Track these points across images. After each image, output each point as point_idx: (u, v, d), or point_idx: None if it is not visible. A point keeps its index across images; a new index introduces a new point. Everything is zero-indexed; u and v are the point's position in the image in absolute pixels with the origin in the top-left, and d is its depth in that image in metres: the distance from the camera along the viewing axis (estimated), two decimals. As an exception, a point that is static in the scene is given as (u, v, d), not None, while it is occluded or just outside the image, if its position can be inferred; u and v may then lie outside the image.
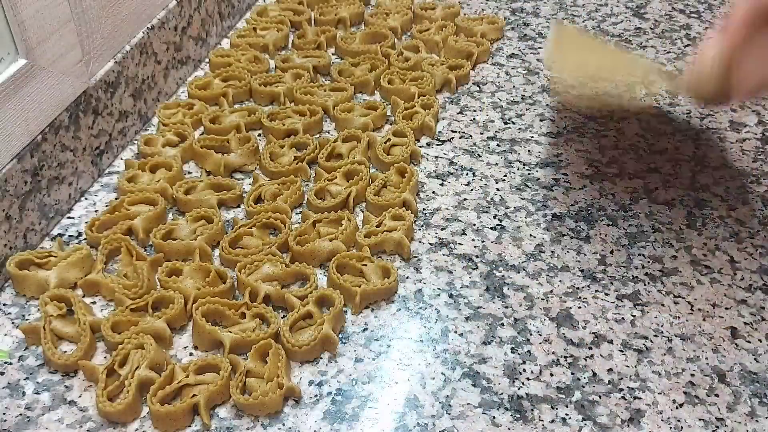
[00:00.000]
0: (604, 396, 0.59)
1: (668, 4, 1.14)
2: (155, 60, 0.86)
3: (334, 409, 0.58)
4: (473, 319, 0.65)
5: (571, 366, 0.62)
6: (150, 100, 0.86)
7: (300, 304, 0.63)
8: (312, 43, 0.98)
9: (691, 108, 0.91)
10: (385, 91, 0.91)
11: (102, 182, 0.79)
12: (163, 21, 0.86)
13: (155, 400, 0.56)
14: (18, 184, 0.66)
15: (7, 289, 0.67)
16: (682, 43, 1.04)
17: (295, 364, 0.61)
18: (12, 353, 0.61)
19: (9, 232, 0.66)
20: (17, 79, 0.64)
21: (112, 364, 0.58)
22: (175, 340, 0.63)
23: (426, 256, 0.71)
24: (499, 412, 0.58)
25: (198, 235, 0.70)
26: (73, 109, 0.72)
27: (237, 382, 0.57)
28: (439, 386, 0.60)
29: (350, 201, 0.74)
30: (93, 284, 0.66)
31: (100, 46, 0.76)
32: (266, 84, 0.90)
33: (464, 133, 0.87)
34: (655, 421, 0.58)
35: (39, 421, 0.57)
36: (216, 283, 0.66)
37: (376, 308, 0.66)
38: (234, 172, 0.80)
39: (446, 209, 0.76)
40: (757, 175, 0.81)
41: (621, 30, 1.07)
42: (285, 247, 0.70)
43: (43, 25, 0.66)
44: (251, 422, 0.57)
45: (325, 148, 0.80)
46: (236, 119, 0.84)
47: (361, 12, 1.05)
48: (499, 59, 1.00)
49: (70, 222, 0.74)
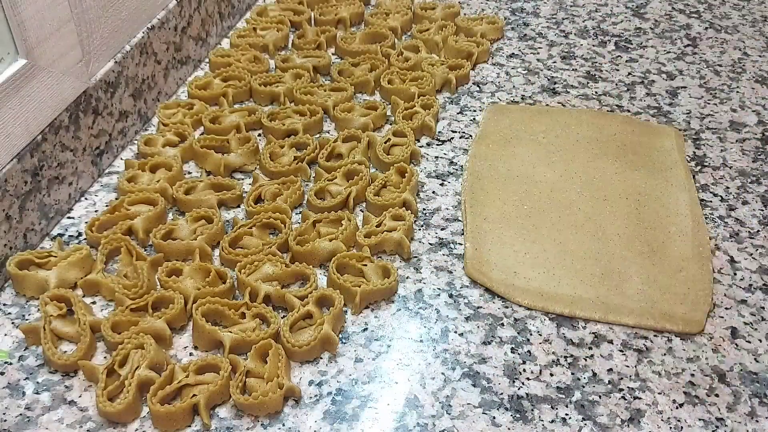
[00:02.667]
0: (604, 396, 0.59)
1: (668, 4, 1.14)
2: (155, 60, 0.86)
3: (334, 409, 0.58)
4: (473, 319, 0.65)
5: (571, 366, 0.62)
6: (150, 100, 0.86)
7: (300, 304, 0.63)
8: (312, 43, 0.98)
9: (690, 108, 0.91)
10: (385, 91, 0.91)
11: (102, 182, 0.79)
12: (163, 21, 0.86)
13: (155, 400, 0.55)
14: (18, 184, 0.66)
15: (7, 289, 0.67)
16: (682, 43, 1.04)
17: (295, 364, 0.61)
18: (12, 353, 0.61)
19: (9, 232, 0.66)
20: (17, 79, 0.64)
21: (112, 364, 0.58)
22: (175, 340, 0.63)
23: (426, 256, 0.71)
24: (499, 412, 0.58)
25: (198, 235, 0.70)
26: (73, 109, 0.72)
27: (237, 382, 0.57)
28: (439, 386, 0.60)
29: (350, 201, 0.74)
30: (93, 284, 0.66)
31: (100, 46, 0.76)
32: (266, 84, 0.90)
33: (464, 133, 0.87)
34: (655, 421, 0.58)
35: (39, 421, 0.57)
36: (216, 283, 0.66)
37: (376, 308, 0.66)
38: (234, 172, 0.80)
39: (446, 209, 0.76)
40: (757, 175, 0.81)
41: (621, 30, 1.07)
42: (285, 247, 0.70)
43: (43, 25, 0.66)
44: (251, 422, 0.57)
45: (325, 148, 0.80)
46: (236, 119, 0.84)
47: (361, 12, 1.05)
48: (499, 59, 1.00)
49: (70, 222, 0.74)
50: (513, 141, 0.84)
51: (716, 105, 0.92)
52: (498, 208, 0.75)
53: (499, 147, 0.83)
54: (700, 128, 0.88)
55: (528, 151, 0.83)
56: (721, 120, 0.89)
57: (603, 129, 0.86)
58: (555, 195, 0.77)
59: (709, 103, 0.92)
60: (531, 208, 0.75)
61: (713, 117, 0.90)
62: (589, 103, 0.91)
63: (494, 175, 0.79)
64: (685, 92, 0.94)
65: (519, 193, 0.77)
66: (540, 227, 0.73)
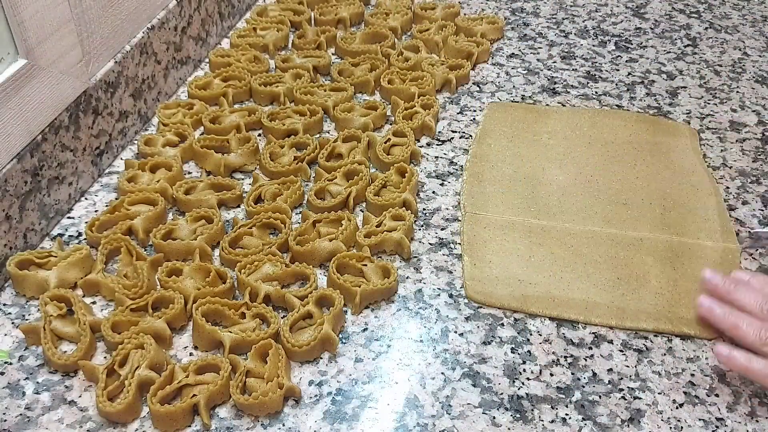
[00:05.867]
0: (604, 396, 0.59)
1: (668, 4, 1.14)
2: (155, 60, 0.86)
3: (334, 409, 0.58)
4: (473, 319, 0.65)
5: (571, 366, 0.62)
6: (150, 100, 0.86)
7: (300, 304, 0.63)
8: (312, 43, 0.98)
9: (690, 108, 0.91)
10: (385, 91, 0.91)
11: (102, 182, 0.79)
12: (163, 21, 0.86)
13: (155, 400, 0.55)
14: (18, 184, 0.66)
15: (7, 289, 0.67)
16: (682, 43, 1.04)
17: (295, 364, 0.61)
18: (12, 353, 0.61)
19: (9, 232, 0.66)
20: (17, 79, 0.64)
21: (112, 364, 0.58)
22: (175, 340, 0.63)
23: (426, 256, 0.71)
24: (499, 412, 0.58)
25: (198, 235, 0.70)
26: (73, 109, 0.72)
27: (237, 382, 0.57)
28: (439, 386, 0.60)
29: (350, 201, 0.74)
30: (93, 284, 0.66)
31: (100, 46, 0.76)
32: (266, 84, 0.90)
33: (464, 133, 0.87)
34: (655, 421, 0.58)
35: (39, 421, 0.57)
36: (216, 283, 0.66)
37: (376, 308, 0.66)
38: (234, 172, 0.80)
39: (446, 209, 0.76)
40: (757, 175, 0.81)
41: (621, 30, 1.07)
42: (285, 247, 0.70)
43: (43, 25, 0.66)
44: (251, 422, 0.57)
45: (325, 148, 0.80)
46: (236, 119, 0.84)
47: (361, 12, 1.05)
48: (499, 59, 1.00)
49: (70, 222, 0.74)
50: (516, 141, 0.84)
51: (716, 105, 0.92)
52: (500, 212, 0.74)
53: (501, 147, 0.83)
54: (700, 128, 0.88)
55: (534, 152, 0.82)
56: (721, 120, 0.89)
57: (616, 131, 0.85)
58: (567, 198, 0.76)
59: (709, 103, 0.92)
60: (538, 211, 0.74)
61: (713, 117, 0.90)
62: (589, 103, 0.91)
63: (497, 176, 0.79)
64: (685, 92, 0.94)
65: (525, 195, 0.76)
66: (549, 230, 0.72)
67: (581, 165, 0.80)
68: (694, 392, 0.60)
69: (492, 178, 0.79)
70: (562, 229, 0.73)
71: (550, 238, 0.72)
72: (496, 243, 0.71)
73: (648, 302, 0.66)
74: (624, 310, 0.65)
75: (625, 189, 0.77)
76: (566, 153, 0.82)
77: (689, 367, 0.62)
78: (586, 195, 0.76)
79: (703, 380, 0.61)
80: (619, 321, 0.64)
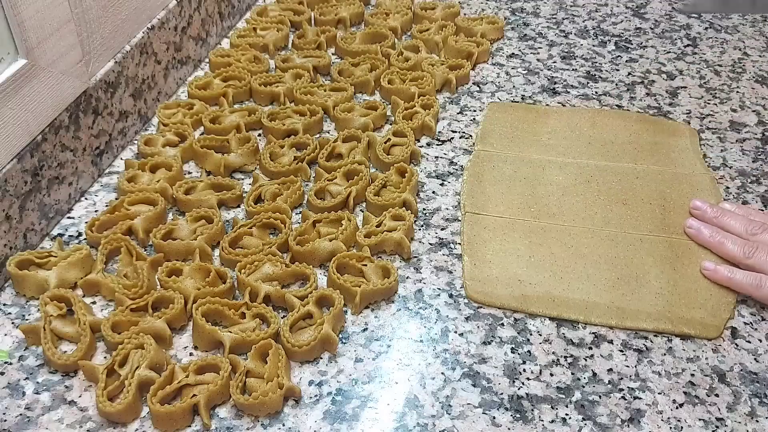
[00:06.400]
0: (604, 396, 0.59)
1: (668, 4, 1.14)
2: (155, 60, 0.86)
3: (334, 409, 0.58)
4: (473, 319, 0.65)
5: (571, 366, 0.62)
6: (150, 100, 0.86)
7: (300, 304, 0.63)
8: (312, 43, 0.98)
9: (690, 108, 0.91)
10: (385, 91, 0.91)
11: (102, 182, 0.79)
12: (163, 21, 0.86)
13: (155, 400, 0.55)
14: (18, 184, 0.66)
15: (7, 289, 0.67)
16: (682, 43, 1.04)
17: (295, 364, 0.61)
18: (12, 353, 0.61)
19: (9, 232, 0.66)
20: (17, 79, 0.64)
21: (112, 364, 0.58)
22: (175, 340, 0.63)
23: (426, 256, 0.71)
24: (499, 412, 0.58)
25: (198, 235, 0.70)
26: (73, 109, 0.72)
27: (237, 382, 0.57)
28: (439, 386, 0.60)
29: (350, 201, 0.74)
30: (93, 284, 0.66)
31: (100, 46, 0.76)
32: (266, 84, 0.90)
33: (464, 133, 0.87)
34: (655, 421, 0.58)
35: (39, 421, 0.57)
36: (216, 283, 0.66)
37: (376, 308, 0.66)
38: (234, 172, 0.80)
39: (446, 209, 0.76)
40: (757, 175, 0.81)
41: (621, 30, 1.07)
42: (285, 247, 0.70)
43: (43, 25, 0.66)
44: (251, 422, 0.57)
45: (325, 148, 0.80)
46: (236, 119, 0.84)
47: (361, 12, 1.05)
48: (499, 59, 1.00)
49: (70, 222, 0.74)
50: (516, 141, 0.84)
51: (716, 105, 0.92)
52: (500, 212, 0.74)
53: (502, 147, 0.83)
54: (700, 128, 0.88)
55: (534, 152, 0.82)
56: (721, 120, 0.89)
57: (616, 131, 0.85)
58: (567, 198, 0.76)
59: (709, 103, 0.92)
60: (538, 211, 0.74)
61: (713, 117, 0.90)
62: (589, 103, 0.91)
63: (497, 176, 0.79)
64: (685, 92, 0.94)
65: (525, 195, 0.76)
66: (549, 230, 0.72)
67: (581, 165, 0.80)
68: (694, 392, 0.60)
69: (492, 178, 0.79)
70: (562, 229, 0.73)
71: (550, 238, 0.72)
72: (496, 243, 0.71)
73: (648, 302, 0.66)
74: (624, 310, 0.65)
75: (625, 189, 0.77)
76: (566, 153, 0.82)
77: (689, 367, 0.62)
78: (586, 195, 0.76)
79: (703, 380, 0.61)
80: (619, 321, 0.64)
